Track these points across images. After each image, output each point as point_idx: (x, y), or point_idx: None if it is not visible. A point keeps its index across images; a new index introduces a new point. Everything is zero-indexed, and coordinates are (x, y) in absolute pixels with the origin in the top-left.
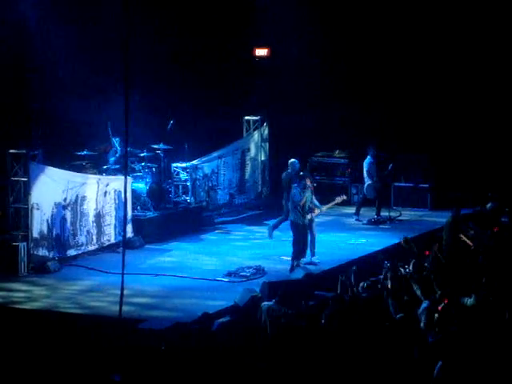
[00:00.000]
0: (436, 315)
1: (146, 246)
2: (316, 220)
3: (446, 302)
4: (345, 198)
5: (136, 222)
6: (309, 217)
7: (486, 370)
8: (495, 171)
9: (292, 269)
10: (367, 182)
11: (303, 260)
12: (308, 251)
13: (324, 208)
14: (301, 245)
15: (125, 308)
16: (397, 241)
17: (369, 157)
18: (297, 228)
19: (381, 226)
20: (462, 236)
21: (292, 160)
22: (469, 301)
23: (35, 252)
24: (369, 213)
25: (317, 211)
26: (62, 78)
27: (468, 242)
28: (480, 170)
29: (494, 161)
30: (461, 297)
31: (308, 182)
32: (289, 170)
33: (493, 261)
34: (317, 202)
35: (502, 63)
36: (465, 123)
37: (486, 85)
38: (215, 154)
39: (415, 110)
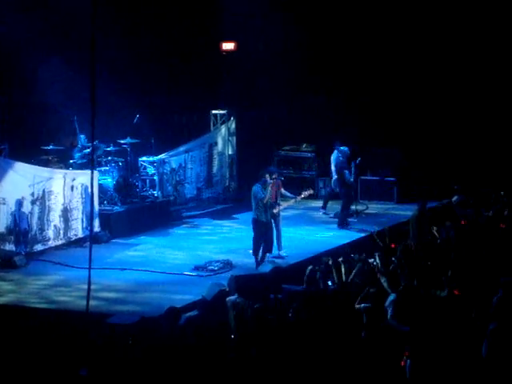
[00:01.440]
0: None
1: (113, 241)
2: (283, 214)
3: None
4: (311, 192)
5: (103, 216)
6: (275, 211)
7: (453, 367)
8: (461, 164)
9: (257, 265)
10: (335, 175)
11: (269, 254)
12: (275, 245)
13: (298, 198)
14: (260, 242)
15: (92, 303)
16: (363, 234)
17: (336, 151)
18: (258, 225)
19: (348, 220)
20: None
21: (342, 147)
22: (442, 293)
23: (1, 247)
24: (336, 206)
25: (286, 203)
26: (27, 72)
27: (436, 234)
28: (446, 163)
29: (460, 154)
30: (432, 289)
31: (268, 178)
32: (340, 158)
33: (459, 254)
34: (289, 194)
35: (471, 56)
36: (430, 116)
37: (452, 79)
38: (182, 149)
39: (382, 103)
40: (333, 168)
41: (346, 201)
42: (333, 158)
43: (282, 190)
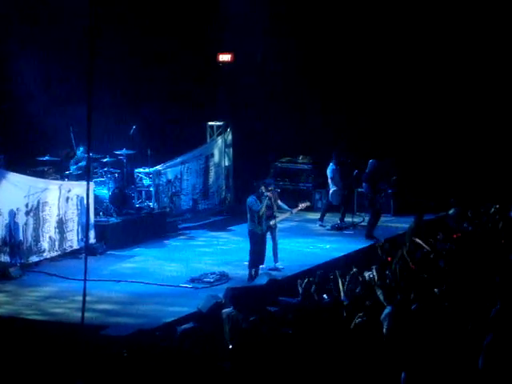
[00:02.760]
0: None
1: (109, 252)
2: (279, 226)
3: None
4: (308, 204)
5: (98, 227)
6: (272, 223)
7: (449, 380)
8: (458, 177)
9: (250, 278)
10: (332, 188)
11: (266, 266)
12: (271, 257)
13: (294, 211)
14: (257, 254)
15: (87, 314)
16: (360, 246)
17: (332, 163)
18: (255, 237)
19: (344, 232)
20: (417, 240)
21: (370, 160)
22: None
23: None
24: (333, 218)
25: (283, 215)
26: (23, 83)
27: (426, 247)
28: (443, 176)
29: (457, 166)
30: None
31: (264, 190)
32: (367, 170)
33: (454, 267)
34: (285, 206)
35: (466, 69)
36: (427, 129)
37: (448, 92)
38: (178, 160)
39: (377, 116)
40: (329, 180)
41: (371, 213)
42: (328, 170)
43: (279, 202)
